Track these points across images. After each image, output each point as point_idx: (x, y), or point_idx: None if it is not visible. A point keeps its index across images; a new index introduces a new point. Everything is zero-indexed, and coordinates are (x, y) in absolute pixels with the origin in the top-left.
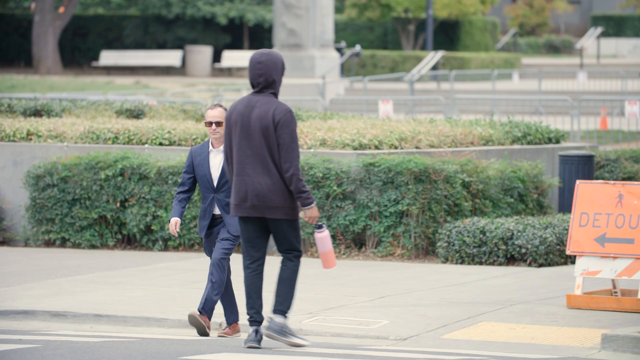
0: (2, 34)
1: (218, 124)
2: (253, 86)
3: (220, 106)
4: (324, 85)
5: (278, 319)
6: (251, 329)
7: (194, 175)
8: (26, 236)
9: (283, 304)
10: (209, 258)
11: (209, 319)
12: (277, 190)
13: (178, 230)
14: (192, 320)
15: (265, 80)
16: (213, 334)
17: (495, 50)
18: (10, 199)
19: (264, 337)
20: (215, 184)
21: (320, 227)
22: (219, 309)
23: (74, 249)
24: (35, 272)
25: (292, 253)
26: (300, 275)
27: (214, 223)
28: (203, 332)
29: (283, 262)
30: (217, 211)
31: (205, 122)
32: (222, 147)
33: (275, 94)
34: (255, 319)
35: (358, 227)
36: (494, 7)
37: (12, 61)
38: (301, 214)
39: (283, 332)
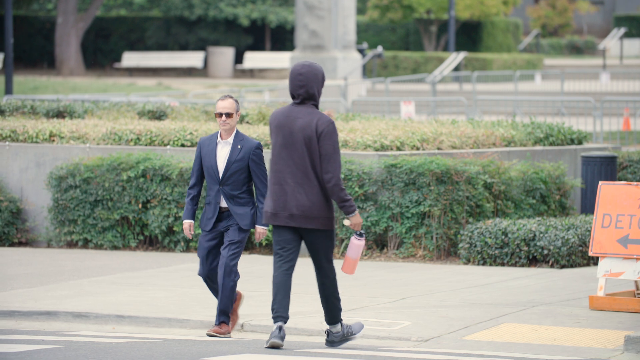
0: (26, 35)
1: (228, 115)
2: (293, 97)
3: (231, 97)
4: (346, 87)
5: (335, 328)
6: (275, 326)
7: (201, 166)
8: (49, 237)
9: (336, 315)
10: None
11: (228, 324)
12: (316, 201)
13: (193, 232)
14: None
15: (306, 91)
16: (235, 334)
17: (517, 51)
18: (33, 200)
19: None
20: (220, 175)
21: (361, 235)
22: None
23: (96, 250)
24: (57, 273)
25: (323, 267)
26: None
27: (220, 217)
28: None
29: (319, 280)
30: (224, 204)
31: (215, 113)
32: (230, 139)
33: (316, 105)
34: (281, 314)
35: (380, 228)
36: (517, 8)
37: (35, 63)
38: (346, 222)
39: (345, 337)
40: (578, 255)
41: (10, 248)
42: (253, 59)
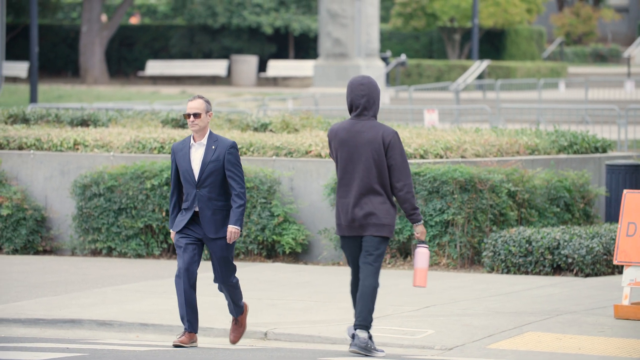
0: (50, 44)
1: (196, 115)
2: (352, 108)
3: (201, 98)
4: None
5: (362, 334)
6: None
7: (178, 171)
8: (73, 245)
9: (367, 319)
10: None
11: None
12: (383, 210)
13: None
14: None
15: (367, 101)
16: (259, 343)
17: (541, 60)
18: (57, 209)
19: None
20: (196, 178)
21: (425, 243)
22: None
23: (120, 258)
24: (81, 281)
25: (368, 265)
26: (345, 284)
27: (196, 221)
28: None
29: (364, 279)
30: (198, 208)
31: (184, 114)
32: (203, 141)
33: (376, 117)
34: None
35: (403, 236)
36: (540, 16)
37: (59, 71)
38: (415, 230)
39: (367, 348)
40: (602, 264)
41: (35, 256)
42: (276, 67)
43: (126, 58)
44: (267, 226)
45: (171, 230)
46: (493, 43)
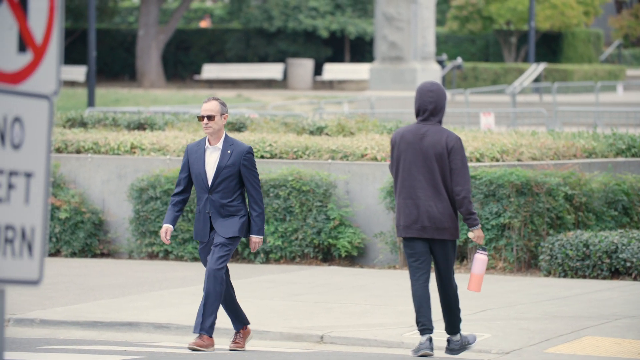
0: (108, 48)
1: (210, 117)
2: (420, 113)
3: (216, 99)
4: None
5: (455, 337)
6: (424, 338)
7: (189, 174)
8: (130, 249)
9: (457, 325)
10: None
11: (211, 336)
12: (446, 213)
13: (169, 238)
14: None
15: (435, 107)
16: (315, 347)
17: (598, 62)
18: (114, 212)
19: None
20: (209, 183)
21: (484, 249)
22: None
23: (176, 262)
24: (138, 284)
25: (449, 278)
26: (401, 287)
27: (212, 227)
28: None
29: (443, 290)
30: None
31: (197, 117)
32: (219, 145)
33: (441, 122)
34: (427, 327)
35: (459, 240)
36: (598, 18)
37: (116, 75)
38: (470, 234)
39: (463, 346)
40: None
41: (92, 259)
42: (332, 71)
43: (182, 62)
44: (323, 229)
45: (163, 225)
46: (550, 46)
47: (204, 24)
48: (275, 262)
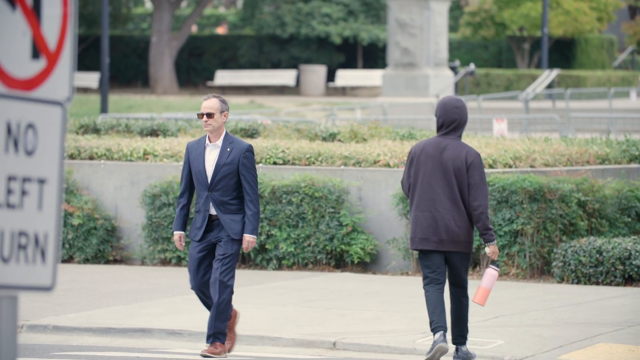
0: (121, 55)
1: (209, 115)
2: (443, 127)
3: (216, 97)
4: None
5: (464, 347)
6: (437, 334)
7: (190, 171)
8: (142, 255)
9: (465, 335)
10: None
11: (224, 344)
12: (464, 227)
13: (184, 244)
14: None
15: (458, 124)
16: (327, 353)
17: (612, 69)
18: (127, 218)
19: None
20: (209, 180)
21: (497, 265)
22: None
23: None
24: (151, 290)
25: (462, 287)
26: (414, 294)
27: (210, 226)
28: None
29: (456, 298)
30: (213, 211)
31: (197, 114)
32: (219, 142)
33: (461, 137)
34: (441, 325)
35: (473, 246)
36: (611, 24)
37: (130, 81)
38: (487, 250)
39: (468, 357)
40: None
41: (105, 265)
42: (345, 77)
43: (195, 68)
44: (336, 236)
45: (175, 232)
46: (563, 52)
47: (221, 30)
48: (288, 269)
